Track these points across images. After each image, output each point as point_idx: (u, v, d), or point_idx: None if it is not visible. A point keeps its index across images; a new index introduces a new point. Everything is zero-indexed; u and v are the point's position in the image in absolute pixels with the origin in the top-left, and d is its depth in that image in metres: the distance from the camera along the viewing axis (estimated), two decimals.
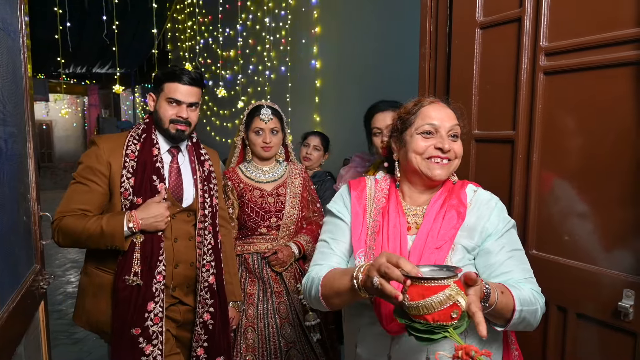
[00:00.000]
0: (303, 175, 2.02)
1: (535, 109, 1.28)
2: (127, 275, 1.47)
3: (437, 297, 0.78)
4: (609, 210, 1.16)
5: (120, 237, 1.44)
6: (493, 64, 1.40)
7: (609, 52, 1.13)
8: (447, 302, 0.78)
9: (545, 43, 1.25)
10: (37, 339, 1.49)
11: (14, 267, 1.28)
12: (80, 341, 3.31)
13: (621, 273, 1.14)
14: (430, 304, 0.78)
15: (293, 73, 4.83)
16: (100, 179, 1.51)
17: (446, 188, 1.14)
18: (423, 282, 0.80)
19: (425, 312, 0.79)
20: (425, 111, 1.11)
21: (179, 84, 1.56)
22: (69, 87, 12.28)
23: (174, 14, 8.20)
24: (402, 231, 1.10)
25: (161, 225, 1.49)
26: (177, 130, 1.58)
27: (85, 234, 1.45)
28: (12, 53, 1.31)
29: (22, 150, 1.38)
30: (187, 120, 1.59)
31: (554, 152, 1.27)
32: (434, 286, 0.79)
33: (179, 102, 1.57)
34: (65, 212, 1.49)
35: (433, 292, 0.78)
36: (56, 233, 1.49)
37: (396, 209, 1.13)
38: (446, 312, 0.78)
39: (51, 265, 5.23)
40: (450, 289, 0.78)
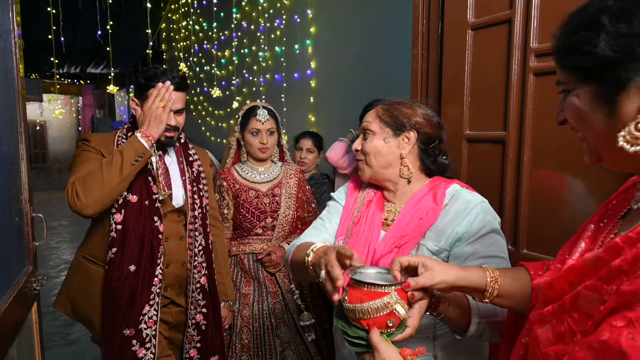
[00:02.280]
0: (298, 176, 2.03)
1: (526, 109, 1.29)
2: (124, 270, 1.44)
3: (374, 304, 0.76)
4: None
5: (141, 147, 1.42)
6: (484, 64, 1.41)
7: None
8: (384, 309, 0.76)
9: (535, 44, 1.26)
10: (30, 340, 1.48)
11: (6, 268, 1.27)
12: (75, 342, 3.30)
13: None
14: (366, 309, 0.76)
15: (288, 73, 4.83)
16: (99, 156, 1.50)
17: (430, 186, 1.13)
18: (364, 286, 0.77)
19: (361, 317, 0.77)
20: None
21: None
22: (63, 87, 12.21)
23: (168, 14, 8.17)
24: (376, 225, 1.11)
25: (163, 124, 1.47)
26: (167, 137, 1.57)
27: (105, 168, 1.38)
28: (3, 54, 1.31)
29: (14, 151, 1.38)
30: (175, 126, 1.58)
31: (545, 152, 1.28)
32: (373, 292, 0.76)
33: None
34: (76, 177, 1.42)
35: (371, 297, 0.76)
36: (75, 194, 1.37)
37: (377, 203, 1.16)
38: (382, 320, 0.76)
39: (45, 266, 5.19)
40: (389, 296, 0.76)
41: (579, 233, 0.72)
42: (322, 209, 2.23)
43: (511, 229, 1.37)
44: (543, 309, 0.63)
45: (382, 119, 1.13)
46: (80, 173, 1.42)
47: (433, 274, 0.78)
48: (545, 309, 0.63)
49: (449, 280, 0.79)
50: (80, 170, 1.43)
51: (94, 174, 1.38)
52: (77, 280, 1.56)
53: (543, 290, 0.67)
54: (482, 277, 0.81)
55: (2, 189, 1.26)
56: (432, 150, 1.13)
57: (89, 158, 1.48)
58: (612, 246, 0.52)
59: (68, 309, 1.58)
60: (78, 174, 1.42)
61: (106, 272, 1.48)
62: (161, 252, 1.51)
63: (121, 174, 1.39)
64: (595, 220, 0.70)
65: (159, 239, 1.51)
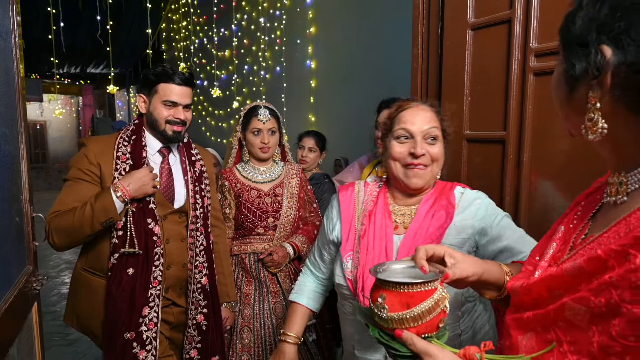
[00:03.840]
0: (300, 176, 2.03)
1: (526, 109, 1.29)
2: (119, 285, 1.45)
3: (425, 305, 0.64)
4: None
5: (112, 208, 1.42)
6: (484, 64, 1.42)
7: None
8: (436, 309, 0.64)
9: (535, 44, 1.27)
10: (30, 340, 1.48)
11: (6, 268, 1.27)
12: (75, 342, 3.30)
13: None
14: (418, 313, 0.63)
15: (288, 73, 4.83)
16: (94, 178, 1.50)
17: (437, 188, 1.15)
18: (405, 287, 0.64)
19: (410, 325, 0.64)
20: (402, 115, 1.12)
21: (173, 84, 1.55)
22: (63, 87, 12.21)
23: (168, 14, 8.17)
24: (388, 232, 1.11)
25: (149, 188, 1.47)
26: (174, 131, 1.58)
27: (77, 221, 1.42)
28: (3, 54, 1.31)
29: (14, 151, 1.38)
30: (183, 120, 1.59)
31: (544, 152, 1.28)
32: (419, 292, 0.64)
33: (175, 104, 1.57)
34: (57, 211, 1.47)
35: (420, 299, 0.64)
36: (50, 234, 1.47)
37: (382, 211, 1.15)
38: (435, 321, 0.65)
39: (45, 266, 5.20)
40: (437, 293, 0.65)
41: (550, 234, 0.71)
42: (322, 209, 2.25)
43: None
44: (522, 314, 0.62)
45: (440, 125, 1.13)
46: (61, 206, 1.46)
47: (466, 266, 0.74)
48: (525, 315, 0.62)
49: (478, 272, 0.74)
50: (61, 202, 1.48)
51: (67, 221, 1.43)
52: (80, 292, 1.56)
53: (518, 294, 0.65)
54: (501, 272, 0.78)
55: (3, 188, 1.26)
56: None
57: (75, 190, 1.48)
58: (594, 257, 0.52)
59: (75, 322, 1.59)
60: (59, 206, 1.46)
61: (108, 278, 1.48)
62: (158, 254, 1.51)
63: (91, 229, 1.43)
64: (566, 222, 0.69)
65: (154, 241, 1.51)
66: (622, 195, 0.56)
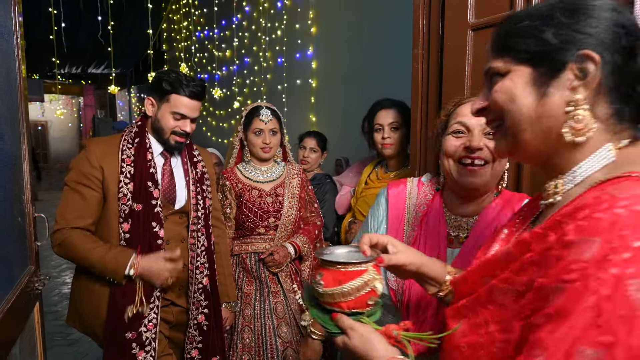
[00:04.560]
0: (301, 176, 2.03)
1: None
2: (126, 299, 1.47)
3: (354, 283, 0.72)
4: None
5: (120, 276, 1.45)
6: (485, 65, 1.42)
7: None
8: (365, 287, 0.73)
9: None
10: (32, 340, 1.49)
11: (9, 268, 1.28)
12: (76, 342, 3.31)
13: None
14: (347, 290, 0.72)
15: (288, 73, 4.84)
16: (95, 183, 1.49)
17: (503, 198, 0.98)
18: (340, 266, 0.73)
19: (341, 300, 0.73)
20: (459, 110, 0.99)
21: (185, 97, 1.54)
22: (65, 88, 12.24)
23: (169, 14, 8.18)
24: (441, 241, 0.97)
25: (156, 283, 1.48)
26: (177, 142, 1.59)
27: (87, 260, 1.46)
28: (6, 54, 1.31)
29: (16, 151, 1.38)
30: (188, 133, 1.60)
31: None
32: (351, 271, 0.73)
33: (183, 117, 1.56)
34: (66, 223, 1.47)
35: (350, 277, 0.72)
36: (57, 246, 1.48)
37: (437, 217, 1.00)
38: (364, 299, 0.73)
39: (47, 266, 5.21)
40: (368, 273, 0.73)
41: (494, 236, 0.74)
42: (325, 210, 2.25)
43: None
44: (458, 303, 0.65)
45: None
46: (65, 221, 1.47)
47: (404, 256, 0.79)
48: (460, 303, 0.64)
49: (416, 262, 0.80)
50: (67, 211, 1.48)
51: (75, 254, 1.47)
52: (83, 293, 1.57)
53: (458, 285, 0.69)
54: (443, 270, 0.81)
55: (5, 189, 1.27)
56: None
57: (77, 200, 1.49)
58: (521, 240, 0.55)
59: (77, 323, 1.59)
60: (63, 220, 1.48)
61: (115, 286, 1.49)
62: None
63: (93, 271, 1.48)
64: (509, 225, 0.72)
65: (159, 245, 1.51)
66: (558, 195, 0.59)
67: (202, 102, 1.61)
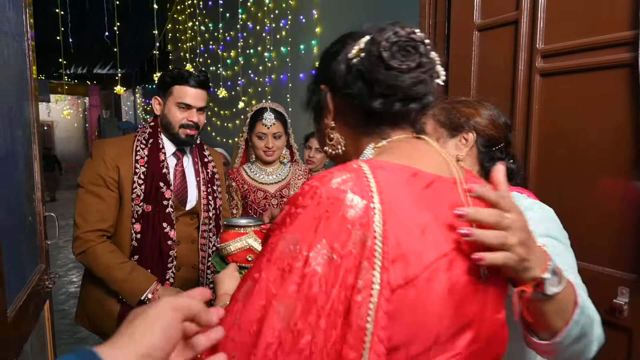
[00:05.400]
0: (307, 177, 2.03)
1: (532, 110, 1.30)
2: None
3: (234, 242, 0.94)
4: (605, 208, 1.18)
5: (134, 300, 1.46)
6: (490, 66, 1.42)
7: (603, 54, 1.15)
8: (243, 246, 0.93)
9: (542, 45, 1.27)
10: (42, 337, 1.51)
11: (20, 266, 1.30)
12: (83, 340, 3.33)
13: (616, 271, 1.16)
14: (230, 247, 0.94)
15: (293, 73, 4.85)
16: (112, 184, 1.50)
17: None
18: (230, 228, 0.96)
19: (226, 254, 0.94)
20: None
21: (188, 87, 1.54)
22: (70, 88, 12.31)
23: (174, 15, 8.22)
24: None
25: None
26: (187, 135, 1.57)
27: (108, 277, 1.46)
28: (18, 56, 1.33)
29: (27, 151, 1.40)
30: (197, 124, 1.58)
31: (552, 154, 1.29)
32: (235, 232, 0.95)
33: (189, 107, 1.55)
34: (89, 228, 1.47)
35: (233, 237, 0.94)
36: (80, 254, 1.47)
37: None
38: (242, 255, 0.93)
39: (54, 265, 5.25)
40: (247, 236, 0.94)
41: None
42: None
43: None
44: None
45: (438, 118, 1.05)
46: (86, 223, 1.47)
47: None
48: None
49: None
50: (86, 214, 1.48)
51: (97, 268, 1.47)
52: (92, 292, 1.57)
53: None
54: None
55: (17, 188, 1.29)
56: (494, 154, 1.02)
57: (95, 203, 1.48)
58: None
59: (87, 323, 1.60)
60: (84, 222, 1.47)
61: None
62: (172, 257, 1.53)
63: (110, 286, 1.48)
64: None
65: (169, 245, 1.52)
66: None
67: (206, 91, 1.59)
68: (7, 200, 1.17)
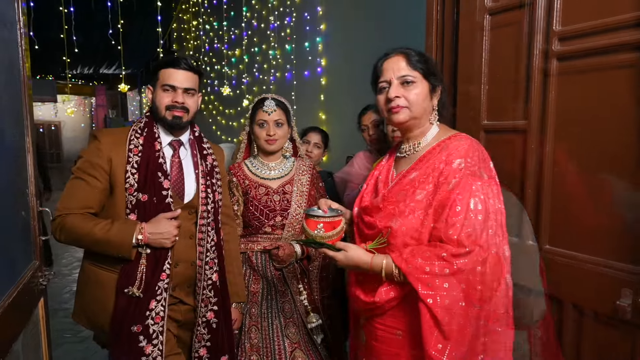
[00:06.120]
0: (311, 172, 1.96)
1: (549, 96, 1.23)
2: (130, 281, 1.43)
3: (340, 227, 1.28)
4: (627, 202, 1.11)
5: (127, 247, 1.41)
6: (503, 51, 1.35)
7: (627, 35, 1.07)
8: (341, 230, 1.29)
9: (559, 27, 1.20)
10: (37, 336, 1.46)
11: (11, 262, 1.25)
12: (86, 339, 3.30)
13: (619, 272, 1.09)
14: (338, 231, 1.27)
15: (298, 71, 4.79)
16: (100, 174, 1.47)
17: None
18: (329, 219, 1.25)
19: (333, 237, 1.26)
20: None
21: (173, 69, 1.52)
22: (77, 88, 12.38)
23: (179, 14, 8.21)
24: None
25: (167, 243, 1.45)
26: (174, 116, 1.53)
27: (90, 238, 1.42)
28: (8, 45, 1.28)
29: (19, 143, 1.35)
30: (183, 105, 1.54)
31: (569, 142, 1.21)
32: (336, 220, 1.26)
33: (174, 88, 1.53)
34: (67, 210, 1.45)
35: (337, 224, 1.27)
36: (58, 231, 1.45)
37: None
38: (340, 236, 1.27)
39: (58, 264, 5.24)
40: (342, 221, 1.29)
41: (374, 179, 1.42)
42: None
43: (533, 224, 1.30)
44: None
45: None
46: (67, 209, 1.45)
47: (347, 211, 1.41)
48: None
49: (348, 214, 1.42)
50: (69, 198, 1.46)
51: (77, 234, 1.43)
52: (88, 288, 1.54)
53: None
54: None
55: (7, 181, 1.24)
56: None
57: (81, 186, 1.46)
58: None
59: (83, 319, 1.56)
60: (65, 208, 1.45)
61: (120, 270, 1.46)
62: (169, 251, 1.48)
63: (97, 250, 1.45)
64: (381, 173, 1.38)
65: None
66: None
67: (193, 74, 1.56)
68: None
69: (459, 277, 1.04)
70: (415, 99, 1.18)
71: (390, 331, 1.18)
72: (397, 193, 1.18)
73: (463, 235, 1.05)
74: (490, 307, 1.06)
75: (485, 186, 1.11)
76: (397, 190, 1.19)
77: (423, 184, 1.14)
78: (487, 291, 1.05)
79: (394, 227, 1.14)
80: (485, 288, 1.05)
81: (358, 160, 2.39)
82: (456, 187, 1.08)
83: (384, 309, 1.17)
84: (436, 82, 1.22)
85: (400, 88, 1.18)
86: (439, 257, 1.06)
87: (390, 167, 1.31)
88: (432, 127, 1.23)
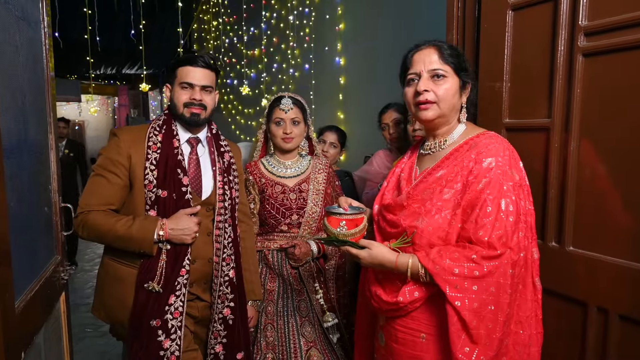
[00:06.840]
0: (327, 171, 1.95)
1: (574, 94, 1.18)
2: (150, 276, 1.45)
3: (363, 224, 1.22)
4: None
5: (149, 243, 1.43)
6: (526, 47, 1.31)
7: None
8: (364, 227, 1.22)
9: (585, 22, 1.16)
10: (58, 330, 1.49)
11: (33, 256, 1.28)
12: (107, 334, 3.33)
13: None
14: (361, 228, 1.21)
15: (317, 70, 4.79)
16: (121, 170, 1.49)
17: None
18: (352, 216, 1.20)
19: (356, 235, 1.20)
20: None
21: (190, 67, 1.54)
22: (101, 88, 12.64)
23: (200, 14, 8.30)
24: None
25: (187, 239, 1.47)
26: (192, 114, 1.55)
27: (112, 234, 1.44)
28: (33, 43, 1.31)
29: (42, 140, 1.38)
30: (200, 102, 1.55)
31: (595, 141, 1.17)
32: (359, 218, 1.21)
33: (191, 85, 1.54)
34: (88, 207, 1.47)
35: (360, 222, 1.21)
36: (81, 228, 1.48)
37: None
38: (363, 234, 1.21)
39: (81, 259, 5.36)
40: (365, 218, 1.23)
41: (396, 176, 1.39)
42: None
43: (555, 225, 1.26)
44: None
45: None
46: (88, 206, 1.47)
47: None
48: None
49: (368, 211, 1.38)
50: (90, 194, 1.49)
51: (99, 231, 1.46)
52: (108, 283, 1.56)
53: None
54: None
55: (30, 177, 1.27)
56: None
57: (102, 183, 1.48)
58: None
59: (102, 314, 1.58)
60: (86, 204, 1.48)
61: (140, 265, 1.47)
62: (187, 245, 1.49)
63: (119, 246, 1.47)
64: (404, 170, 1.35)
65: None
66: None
67: (211, 71, 1.58)
68: (19, 189, 1.14)
69: (488, 280, 1.01)
70: (445, 94, 1.14)
71: (412, 334, 1.15)
72: (423, 191, 1.15)
73: (494, 237, 1.02)
74: (520, 311, 1.02)
75: (516, 187, 1.07)
76: (423, 188, 1.16)
77: (451, 183, 1.11)
78: (516, 295, 1.02)
79: (419, 226, 1.11)
80: (514, 291, 1.02)
81: (377, 158, 2.37)
82: (487, 186, 1.05)
83: (407, 309, 1.14)
84: (467, 78, 1.18)
85: (429, 82, 1.15)
86: (468, 258, 1.03)
87: (412, 164, 1.28)
88: (460, 124, 1.21)
